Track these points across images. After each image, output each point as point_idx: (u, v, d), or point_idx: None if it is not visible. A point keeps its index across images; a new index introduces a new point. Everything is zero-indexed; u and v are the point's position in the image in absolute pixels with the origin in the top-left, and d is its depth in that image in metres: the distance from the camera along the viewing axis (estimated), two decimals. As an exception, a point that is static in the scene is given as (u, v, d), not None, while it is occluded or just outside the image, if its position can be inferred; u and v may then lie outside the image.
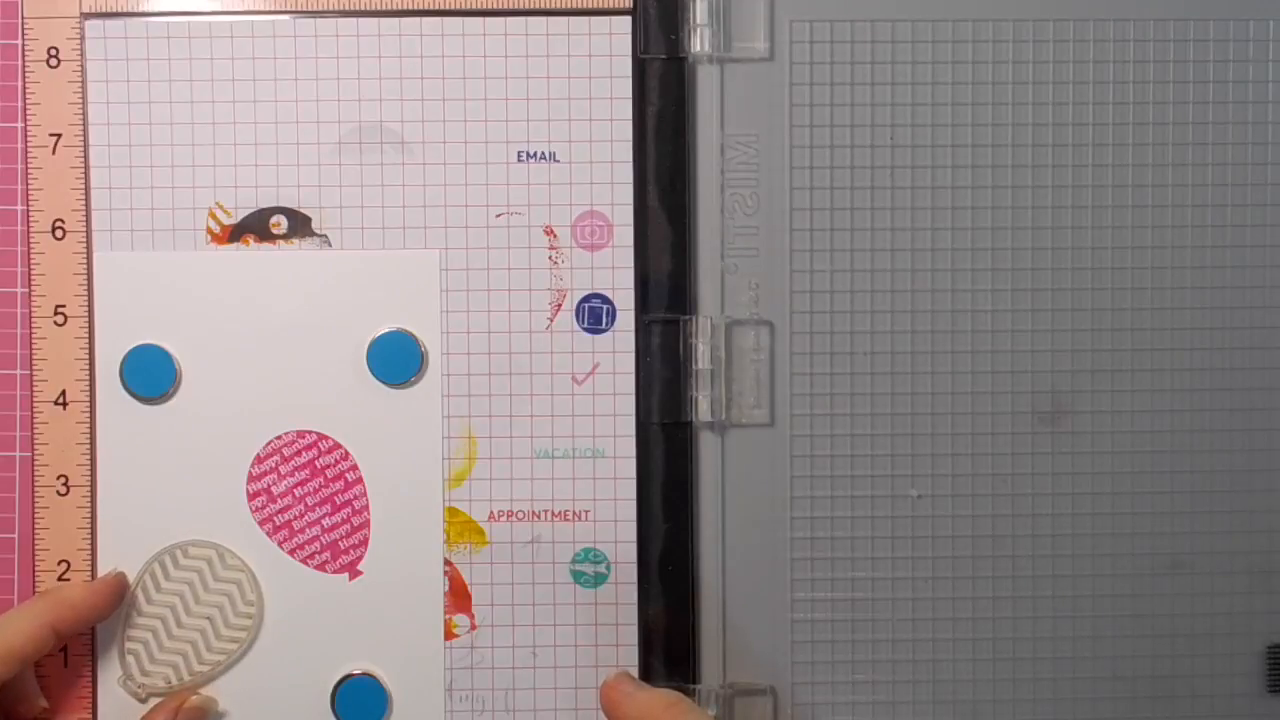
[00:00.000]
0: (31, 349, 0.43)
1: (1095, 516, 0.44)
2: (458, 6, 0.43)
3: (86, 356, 0.43)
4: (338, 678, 0.43)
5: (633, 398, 0.43)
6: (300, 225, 0.43)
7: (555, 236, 0.43)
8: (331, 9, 0.43)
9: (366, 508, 0.43)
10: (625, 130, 0.43)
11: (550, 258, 0.43)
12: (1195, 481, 0.44)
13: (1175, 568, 0.44)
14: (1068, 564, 0.44)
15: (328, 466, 0.43)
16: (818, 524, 0.44)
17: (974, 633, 0.44)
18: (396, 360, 0.43)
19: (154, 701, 0.43)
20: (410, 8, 0.43)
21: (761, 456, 0.44)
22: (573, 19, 0.43)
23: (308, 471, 0.43)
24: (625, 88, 0.43)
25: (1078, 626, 0.44)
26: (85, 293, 0.43)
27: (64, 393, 0.43)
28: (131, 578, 0.43)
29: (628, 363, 0.44)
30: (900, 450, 0.44)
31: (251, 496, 0.43)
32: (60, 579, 0.43)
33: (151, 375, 0.43)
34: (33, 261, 0.43)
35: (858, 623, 0.44)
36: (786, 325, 0.44)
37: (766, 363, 0.44)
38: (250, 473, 0.43)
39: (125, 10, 0.43)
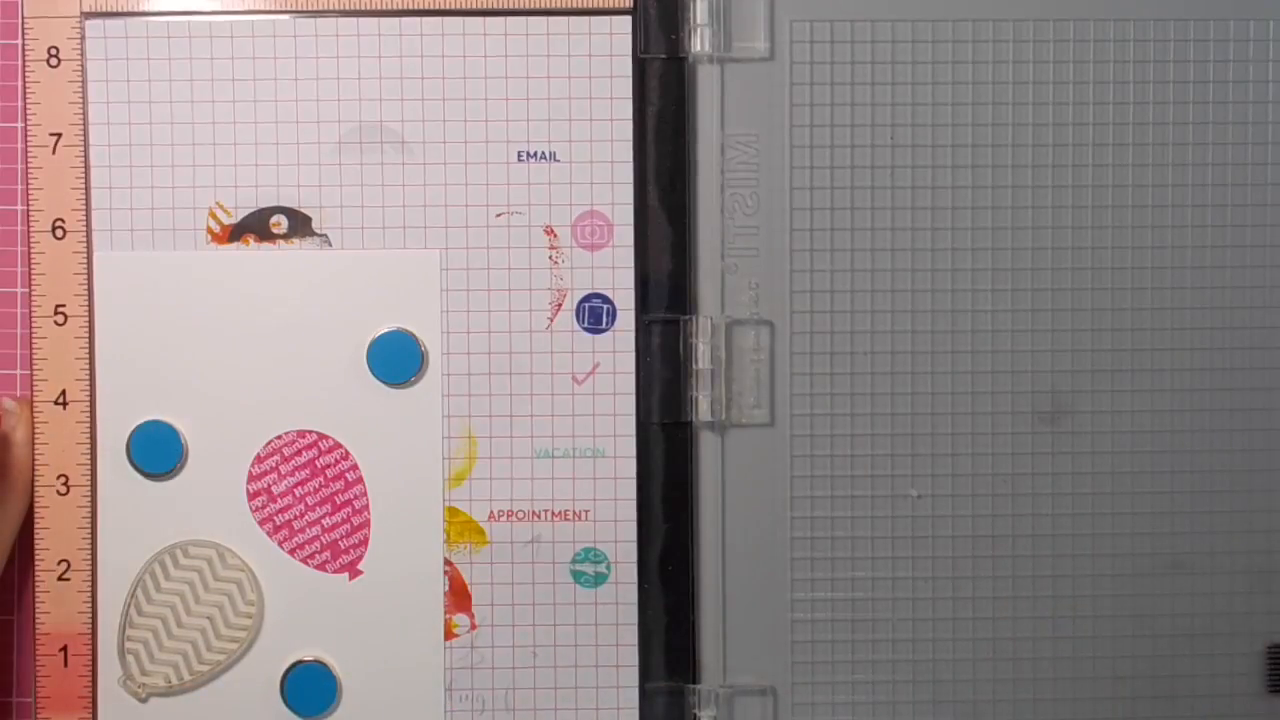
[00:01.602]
0: (31, 349, 0.43)
1: (1095, 516, 0.44)
2: (458, 6, 0.43)
3: (86, 356, 0.43)
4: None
5: (633, 398, 0.43)
6: (300, 225, 0.43)
7: (555, 236, 0.43)
8: (331, 9, 0.43)
9: (366, 508, 0.43)
10: (625, 130, 0.43)
11: (550, 257, 0.43)
12: (1195, 481, 0.44)
13: (1175, 568, 0.44)
14: (1068, 564, 0.44)
15: (328, 466, 0.43)
16: (818, 524, 0.44)
17: (974, 633, 0.44)
18: (396, 360, 0.43)
19: (154, 701, 0.43)
20: (410, 8, 0.43)
21: (761, 456, 0.44)
22: (573, 19, 0.43)
23: (308, 471, 0.43)
24: (625, 88, 0.43)
25: (1078, 626, 0.44)
26: (85, 293, 0.43)
27: (64, 392, 0.43)
28: (131, 577, 0.43)
29: (628, 363, 0.44)
30: (900, 450, 0.44)
31: (251, 496, 0.43)
32: (60, 579, 0.43)
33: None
34: (33, 261, 0.43)
35: (858, 623, 0.44)
36: (786, 325, 0.44)
37: (766, 363, 0.43)
38: (250, 472, 0.43)
39: (125, 10, 0.43)
